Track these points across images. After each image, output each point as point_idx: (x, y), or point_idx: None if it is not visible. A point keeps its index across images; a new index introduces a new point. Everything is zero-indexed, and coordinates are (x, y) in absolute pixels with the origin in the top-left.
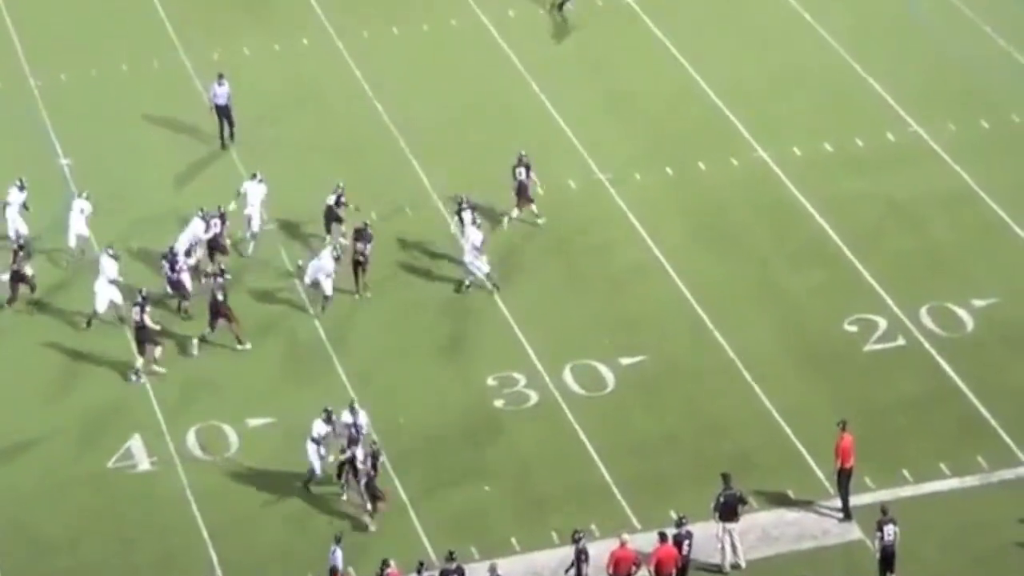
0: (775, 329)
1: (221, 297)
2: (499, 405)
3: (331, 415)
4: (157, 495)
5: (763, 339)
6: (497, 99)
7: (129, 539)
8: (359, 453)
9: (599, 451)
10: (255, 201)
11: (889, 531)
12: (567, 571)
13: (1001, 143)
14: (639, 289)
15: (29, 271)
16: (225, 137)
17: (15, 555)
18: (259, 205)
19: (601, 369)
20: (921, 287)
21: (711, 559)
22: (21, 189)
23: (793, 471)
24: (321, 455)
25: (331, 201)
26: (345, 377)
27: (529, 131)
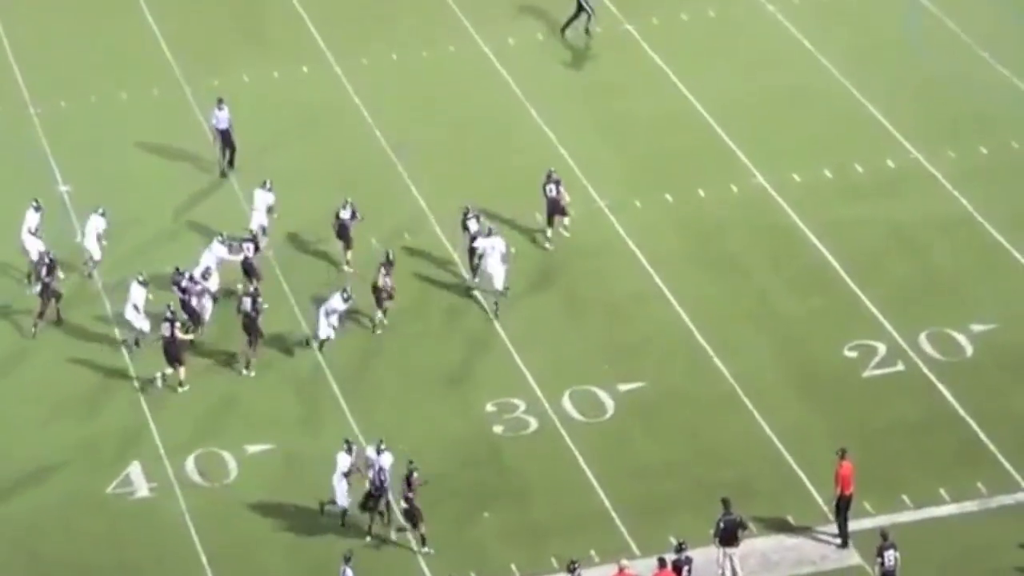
0: (774, 355)
1: (254, 315)
2: (498, 431)
3: (351, 445)
4: (156, 521)
5: (762, 365)
6: (496, 126)
7: (129, 565)
8: (388, 495)
9: (598, 477)
10: (261, 207)
11: (890, 556)
12: None
13: (1000, 169)
14: (638, 315)
15: (57, 285)
16: (224, 164)
17: None
18: (265, 211)
19: (600, 395)
20: (920, 313)
21: None
22: (37, 210)
23: (792, 497)
24: (345, 490)
25: (345, 216)
26: (344, 403)
27: (528, 158)
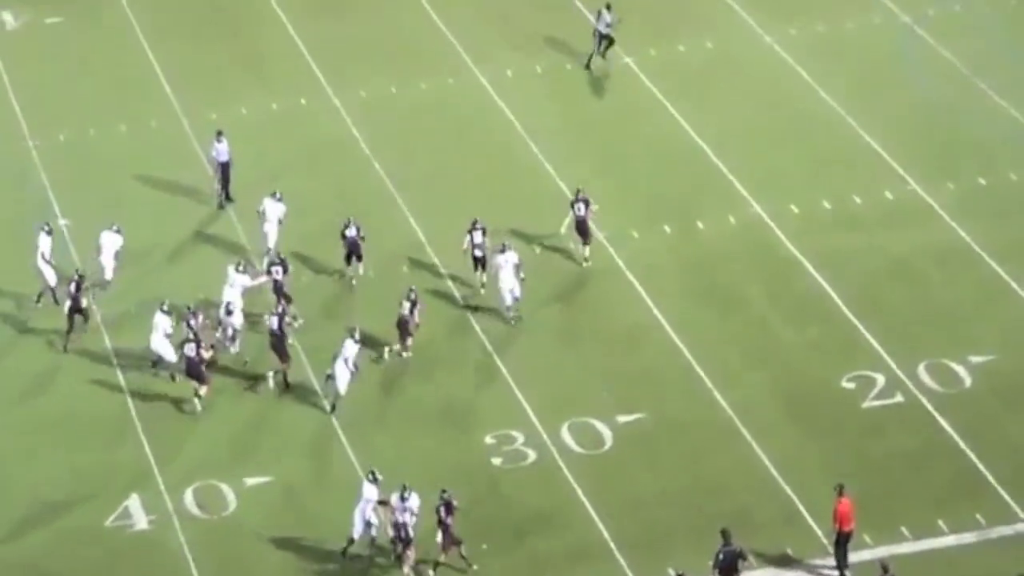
0: (773, 386)
1: (280, 333)
2: (497, 463)
3: (376, 475)
4: (155, 554)
5: (761, 396)
6: (495, 158)
7: None
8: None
9: (597, 509)
10: (273, 218)
11: None
12: None
13: (999, 200)
14: (636, 346)
15: (85, 303)
16: (221, 196)
17: None
18: (276, 223)
19: (599, 427)
20: (919, 344)
21: None
22: (49, 234)
23: (792, 528)
24: (373, 522)
25: (353, 233)
26: (342, 434)
27: (527, 189)
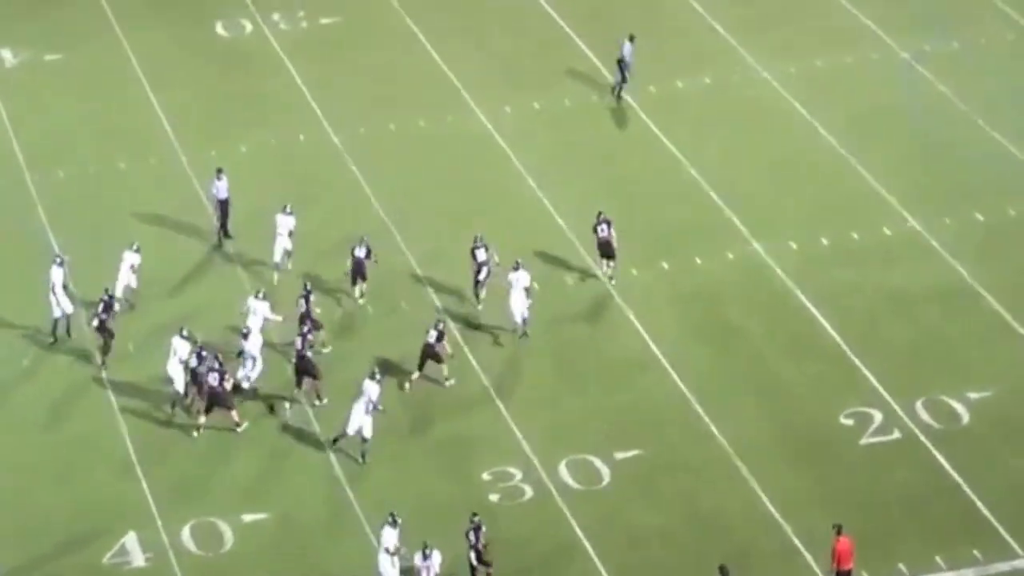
0: (771, 422)
1: (305, 354)
2: (494, 500)
3: (396, 518)
4: None
5: (759, 432)
6: (494, 194)
7: None
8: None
9: (595, 546)
10: (284, 231)
11: None
12: None
13: (997, 236)
14: (634, 383)
15: (112, 324)
16: (220, 233)
17: None
18: (287, 235)
19: (596, 463)
20: (917, 380)
21: None
22: (60, 265)
23: (790, 565)
24: (393, 565)
25: (361, 254)
26: (339, 470)
27: (526, 226)
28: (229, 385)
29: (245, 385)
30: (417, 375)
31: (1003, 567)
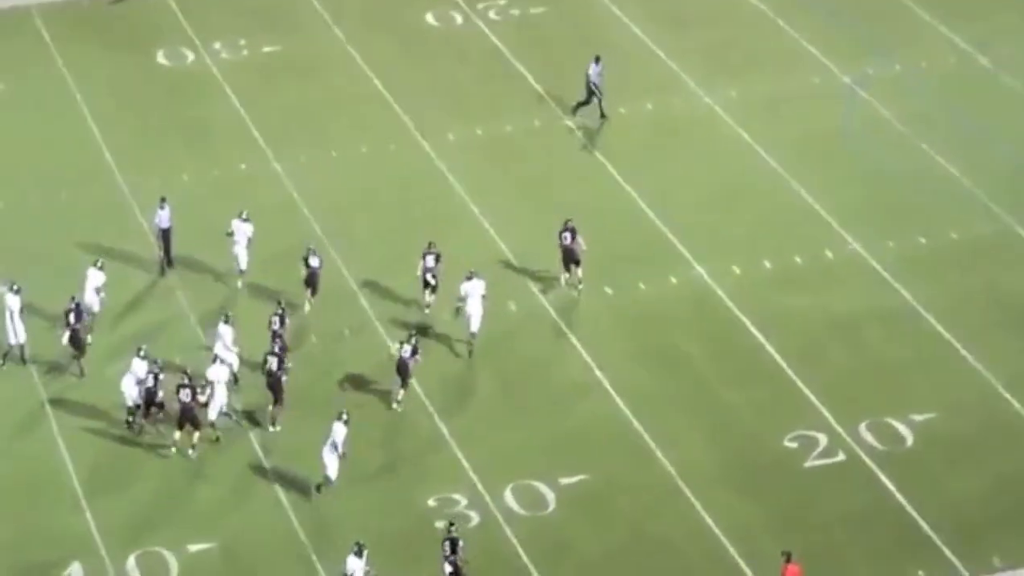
0: (715, 446)
1: (279, 374)
2: (440, 526)
3: (362, 547)
4: None
5: (704, 456)
6: (437, 222)
7: None
8: None
9: (541, 571)
10: (242, 239)
11: None
12: None
13: (939, 259)
14: (579, 407)
15: (83, 334)
16: (164, 262)
17: None
18: (245, 243)
19: (542, 488)
20: (860, 403)
21: None
22: (17, 293)
23: None
24: None
25: (315, 264)
26: (283, 497)
27: (470, 253)
28: (204, 398)
29: (211, 415)
30: (403, 392)
31: None
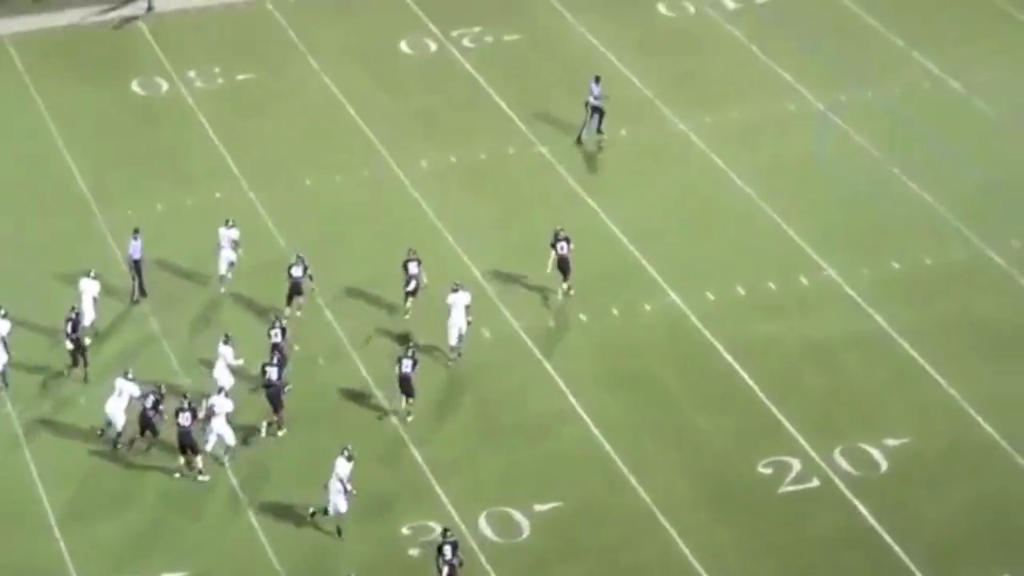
0: (690, 473)
1: (279, 385)
2: (414, 554)
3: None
4: None
5: (678, 483)
6: (408, 248)
7: None
8: None
9: None
10: (227, 244)
11: None
12: None
13: (913, 284)
14: (553, 434)
15: (85, 341)
16: (137, 292)
17: None
18: (231, 248)
19: (516, 516)
20: (835, 428)
21: None
22: (4, 317)
23: None
24: None
25: (298, 273)
26: (258, 526)
27: (440, 278)
28: (202, 414)
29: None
30: (405, 403)
31: None
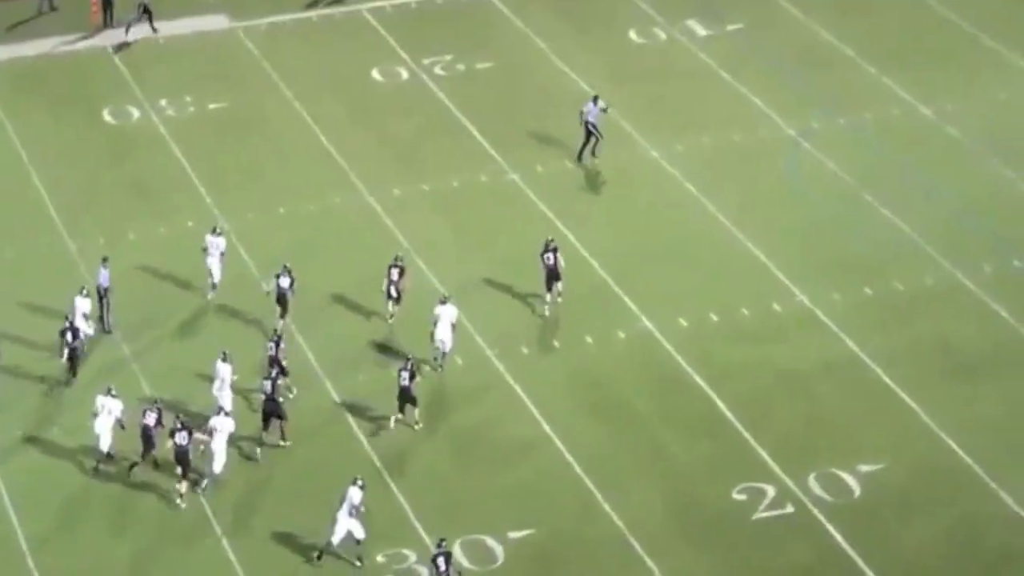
0: (664, 499)
1: (276, 397)
2: None
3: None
4: None
5: (652, 510)
6: (381, 275)
7: None
8: None
9: None
10: (215, 252)
11: None
12: None
13: (885, 310)
14: (527, 461)
15: (81, 349)
16: (109, 321)
17: None
18: (218, 256)
19: (490, 543)
20: (809, 454)
21: None
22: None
23: None
24: None
25: (285, 284)
26: (232, 555)
27: (417, 308)
28: (194, 446)
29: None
30: (399, 416)
31: None
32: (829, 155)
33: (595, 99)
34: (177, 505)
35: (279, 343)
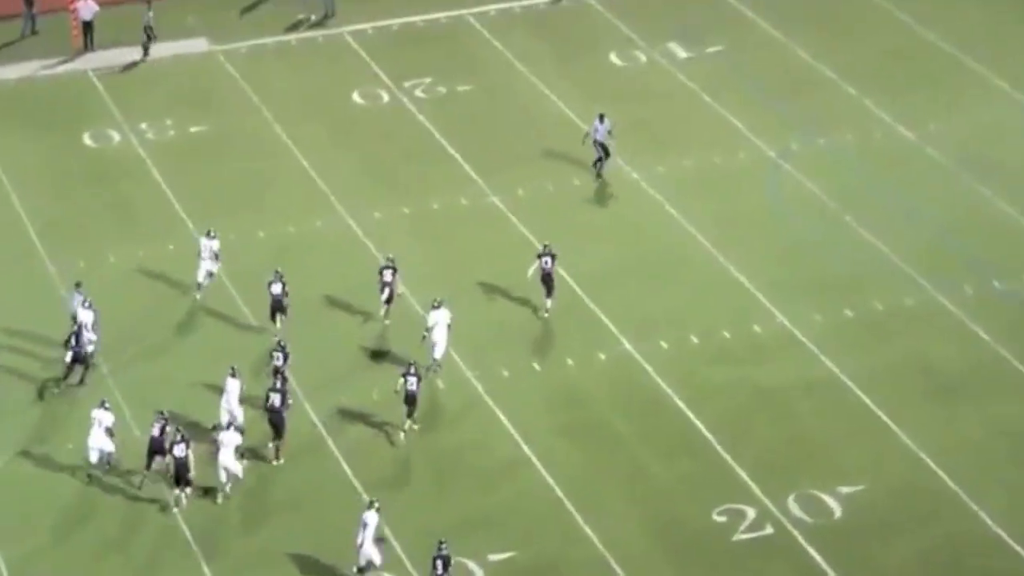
0: (644, 521)
1: (282, 410)
2: None
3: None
4: None
5: (632, 532)
6: (361, 296)
7: None
8: None
9: None
10: (207, 255)
11: None
12: None
13: (865, 331)
14: (507, 483)
15: (85, 353)
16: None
17: None
18: (210, 258)
19: (471, 565)
20: (789, 475)
21: None
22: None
23: None
24: None
25: (277, 291)
26: (207, 571)
27: (397, 330)
28: (192, 455)
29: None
30: (409, 423)
31: None
32: (810, 176)
33: (601, 117)
34: (174, 515)
35: (285, 353)
